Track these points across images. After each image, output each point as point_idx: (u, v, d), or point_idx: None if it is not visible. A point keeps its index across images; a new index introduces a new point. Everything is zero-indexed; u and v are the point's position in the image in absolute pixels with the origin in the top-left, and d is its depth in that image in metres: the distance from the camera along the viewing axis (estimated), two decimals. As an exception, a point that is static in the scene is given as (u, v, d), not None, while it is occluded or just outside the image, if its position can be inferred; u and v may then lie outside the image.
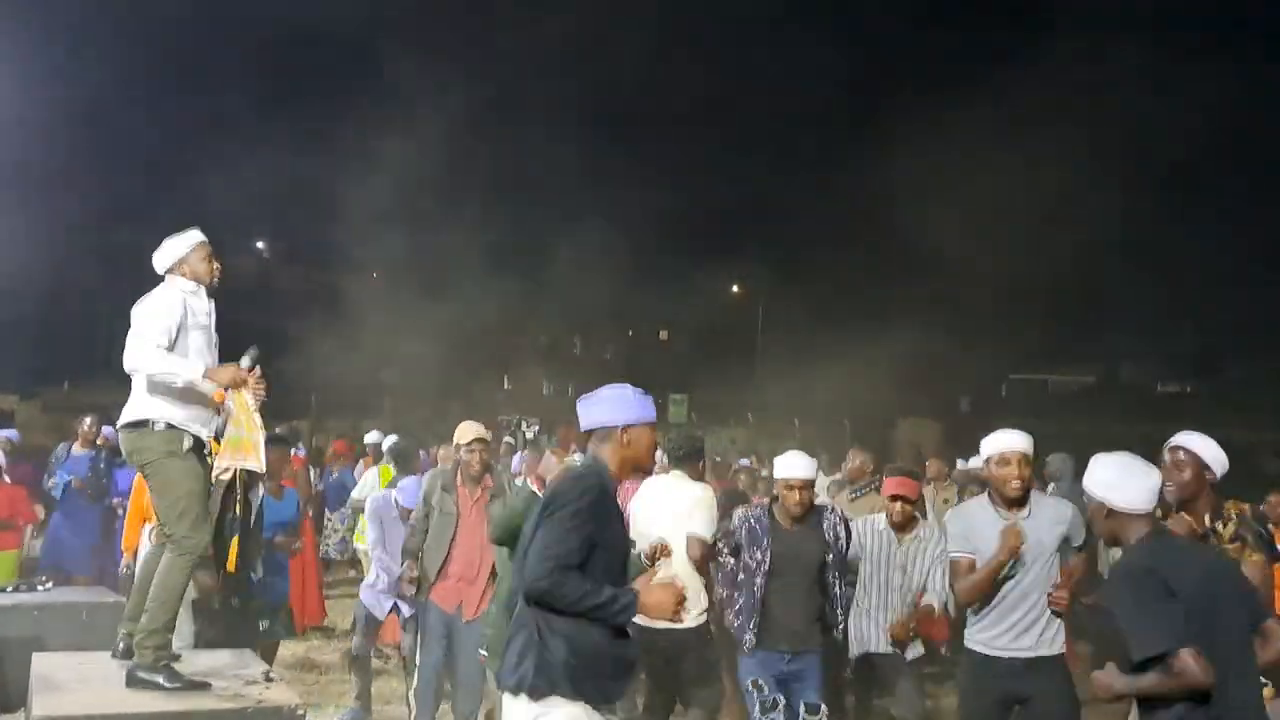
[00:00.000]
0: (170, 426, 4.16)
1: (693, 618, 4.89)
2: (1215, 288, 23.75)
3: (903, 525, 5.10)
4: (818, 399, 20.77)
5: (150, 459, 4.17)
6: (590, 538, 2.96)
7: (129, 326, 4.25)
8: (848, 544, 4.86)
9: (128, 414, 4.22)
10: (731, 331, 33.79)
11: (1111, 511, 3.15)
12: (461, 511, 5.41)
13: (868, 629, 5.05)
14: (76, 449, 8.55)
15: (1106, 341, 29.35)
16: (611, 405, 3.20)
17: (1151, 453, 3.90)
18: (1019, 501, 4.16)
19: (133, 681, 4.08)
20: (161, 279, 4.38)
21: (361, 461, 11.40)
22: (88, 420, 8.55)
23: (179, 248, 4.36)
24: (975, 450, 6.22)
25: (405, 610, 6.31)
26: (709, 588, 5.09)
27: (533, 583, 2.91)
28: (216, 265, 4.43)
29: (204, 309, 4.33)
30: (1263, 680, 3.55)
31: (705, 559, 4.93)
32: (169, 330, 4.13)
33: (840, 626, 4.83)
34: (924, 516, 5.67)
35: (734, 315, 35.40)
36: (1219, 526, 3.70)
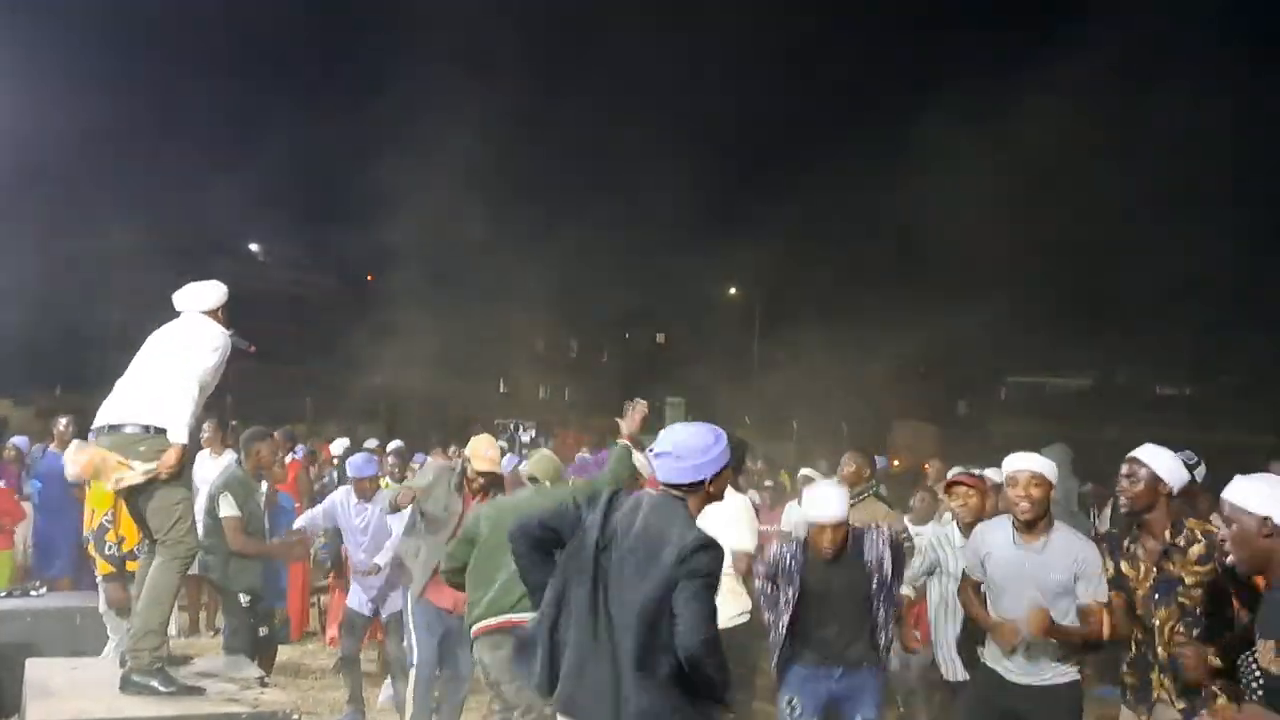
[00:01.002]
0: (164, 433, 4.19)
1: (732, 618, 4.87)
2: (1212, 290, 23.78)
3: (973, 523, 4.90)
4: (815, 402, 20.79)
5: (147, 464, 4.16)
6: None
7: (141, 336, 4.44)
8: (895, 564, 4.49)
9: (118, 416, 4.22)
10: (729, 335, 33.78)
11: (1276, 529, 2.88)
12: (463, 511, 5.37)
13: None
14: (54, 448, 8.51)
15: (1104, 344, 29.36)
16: (702, 462, 3.06)
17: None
18: (1031, 525, 4.01)
19: (127, 685, 4.07)
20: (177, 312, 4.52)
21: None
22: (63, 421, 8.54)
23: (219, 294, 4.53)
24: (970, 454, 6.18)
25: (384, 613, 6.34)
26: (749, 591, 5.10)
27: (698, 654, 2.90)
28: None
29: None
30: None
31: (750, 569, 4.86)
32: (213, 381, 4.34)
33: (886, 653, 4.55)
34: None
35: (731, 318, 35.40)
36: (1180, 542, 3.64)
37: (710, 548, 2.95)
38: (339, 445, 10.78)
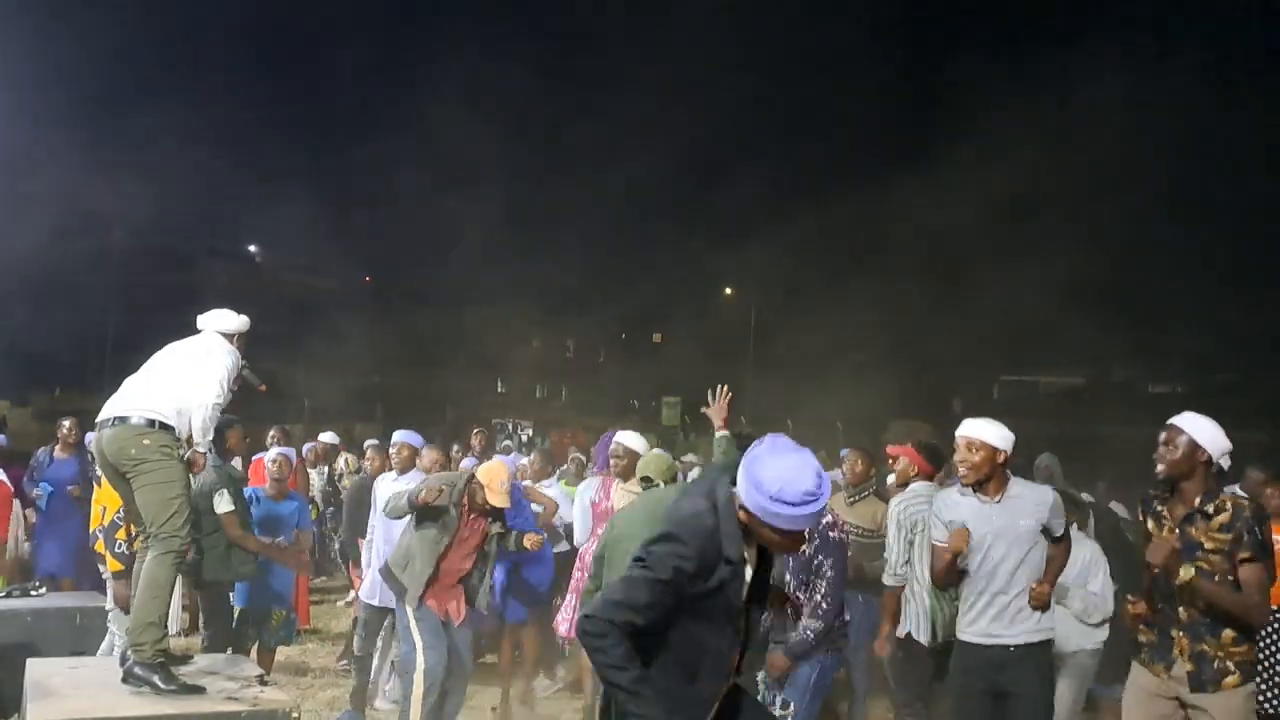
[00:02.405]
0: (171, 428, 4.28)
1: None
2: (1206, 289, 23.86)
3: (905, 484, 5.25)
4: (811, 401, 20.81)
5: (150, 456, 4.23)
6: (669, 605, 2.62)
7: (154, 348, 4.58)
8: (819, 545, 4.57)
9: (125, 409, 4.29)
10: (724, 334, 33.83)
11: None
12: (460, 526, 5.39)
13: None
14: (59, 453, 8.52)
15: (1097, 343, 29.41)
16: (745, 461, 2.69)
17: (1143, 452, 3.96)
18: (979, 485, 4.16)
19: (129, 677, 4.09)
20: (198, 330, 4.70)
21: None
22: (66, 424, 8.54)
23: (240, 323, 4.74)
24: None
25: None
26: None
27: (586, 621, 2.62)
28: None
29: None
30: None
31: None
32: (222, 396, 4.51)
33: (806, 630, 4.56)
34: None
35: (727, 317, 35.45)
36: (1208, 509, 3.70)
37: (659, 541, 2.67)
38: (328, 436, 10.70)
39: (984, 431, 4.16)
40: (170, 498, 4.24)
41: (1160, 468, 3.79)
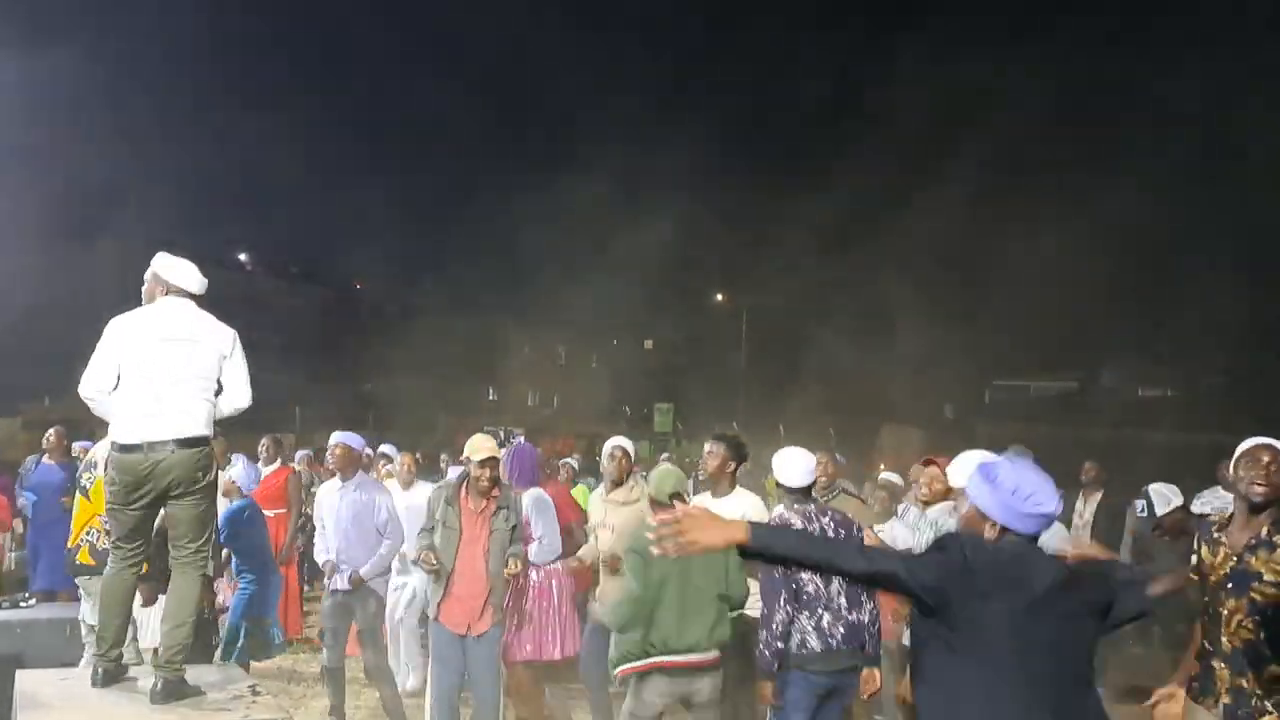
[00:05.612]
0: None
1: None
2: (1196, 291, 23.99)
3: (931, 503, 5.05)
4: (802, 406, 20.87)
5: (210, 479, 4.21)
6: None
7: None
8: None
9: (187, 429, 4.11)
10: (716, 340, 33.90)
11: None
12: (465, 526, 5.15)
13: None
14: (47, 460, 8.44)
15: (1088, 347, 29.53)
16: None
17: (1133, 455, 3.97)
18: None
19: (168, 697, 4.09)
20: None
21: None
22: (51, 433, 8.41)
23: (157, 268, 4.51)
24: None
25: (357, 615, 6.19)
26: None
27: None
28: (159, 288, 4.49)
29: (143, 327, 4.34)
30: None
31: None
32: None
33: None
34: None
35: (718, 324, 35.52)
36: (1276, 540, 3.57)
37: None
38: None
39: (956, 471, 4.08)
40: (209, 520, 4.30)
41: (1263, 489, 3.63)
